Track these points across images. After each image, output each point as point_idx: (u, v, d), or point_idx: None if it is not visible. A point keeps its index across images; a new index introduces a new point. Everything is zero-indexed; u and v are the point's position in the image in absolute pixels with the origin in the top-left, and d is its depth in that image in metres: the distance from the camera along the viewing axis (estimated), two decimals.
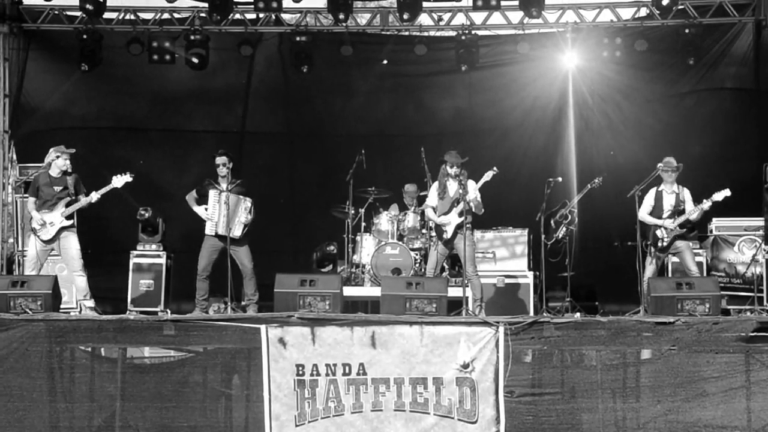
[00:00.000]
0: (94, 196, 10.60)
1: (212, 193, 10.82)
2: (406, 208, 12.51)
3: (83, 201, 10.61)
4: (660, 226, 10.87)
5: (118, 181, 10.64)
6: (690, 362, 9.16)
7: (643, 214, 10.97)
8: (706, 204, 10.85)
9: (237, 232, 10.71)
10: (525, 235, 12.28)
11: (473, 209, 10.53)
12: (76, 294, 11.03)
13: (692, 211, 10.88)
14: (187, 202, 10.95)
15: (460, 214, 10.49)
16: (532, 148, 14.19)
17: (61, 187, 10.63)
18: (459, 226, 10.51)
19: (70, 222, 10.61)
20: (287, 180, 14.77)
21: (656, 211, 10.98)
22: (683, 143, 13.25)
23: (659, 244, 10.89)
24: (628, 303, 11.02)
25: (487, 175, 10.52)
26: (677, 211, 10.90)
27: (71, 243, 10.60)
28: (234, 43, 14.05)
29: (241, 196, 10.79)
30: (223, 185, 10.82)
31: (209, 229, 10.78)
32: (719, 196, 10.79)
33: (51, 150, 10.73)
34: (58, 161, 10.64)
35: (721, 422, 9.09)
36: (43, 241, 10.56)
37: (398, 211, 12.49)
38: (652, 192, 11.04)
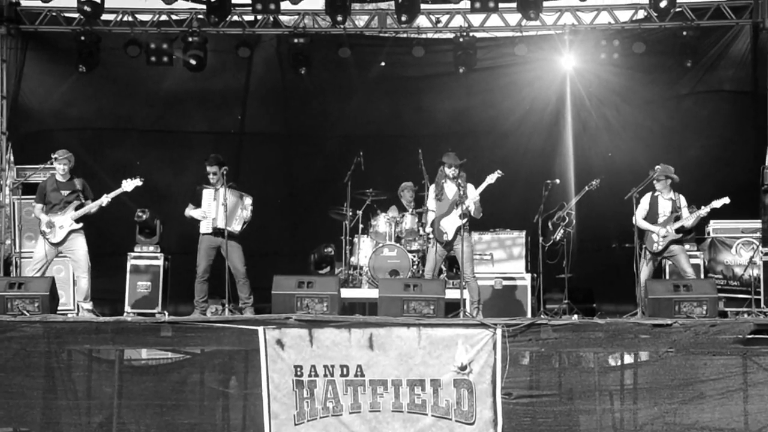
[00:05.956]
0: (105, 200, 10.65)
1: (206, 192, 10.84)
2: (404, 209, 12.49)
3: (94, 204, 10.65)
4: (653, 232, 10.87)
5: (129, 185, 10.68)
6: (687, 364, 9.17)
7: (638, 218, 10.96)
8: (704, 211, 10.84)
9: (237, 227, 10.75)
10: (522, 236, 12.28)
11: (472, 213, 10.53)
12: (77, 295, 11.04)
13: (689, 218, 10.88)
14: (186, 216, 10.97)
15: (461, 217, 10.49)
16: (529, 150, 14.16)
17: (69, 191, 10.69)
18: (460, 229, 10.51)
19: (79, 225, 10.65)
20: (285, 181, 14.73)
21: (651, 216, 10.98)
22: (681, 145, 13.27)
23: (654, 248, 10.89)
24: (626, 305, 11.02)
25: (491, 178, 10.50)
26: (674, 217, 10.89)
27: (79, 244, 10.66)
28: (232, 45, 13.98)
29: (243, 194, 10.85)
30: (218, 185, 10.84)
31: (205, 227, 10.80)
32: (718, 203, 10.77)
33: (57, 152, 10.75)
34: (57, 166, 10.69)
35: (718, 424, 9.09)
36: (52, 244, 10.59)
37: (397, 212, 12.47)
38: (648, 197, 11.04)
